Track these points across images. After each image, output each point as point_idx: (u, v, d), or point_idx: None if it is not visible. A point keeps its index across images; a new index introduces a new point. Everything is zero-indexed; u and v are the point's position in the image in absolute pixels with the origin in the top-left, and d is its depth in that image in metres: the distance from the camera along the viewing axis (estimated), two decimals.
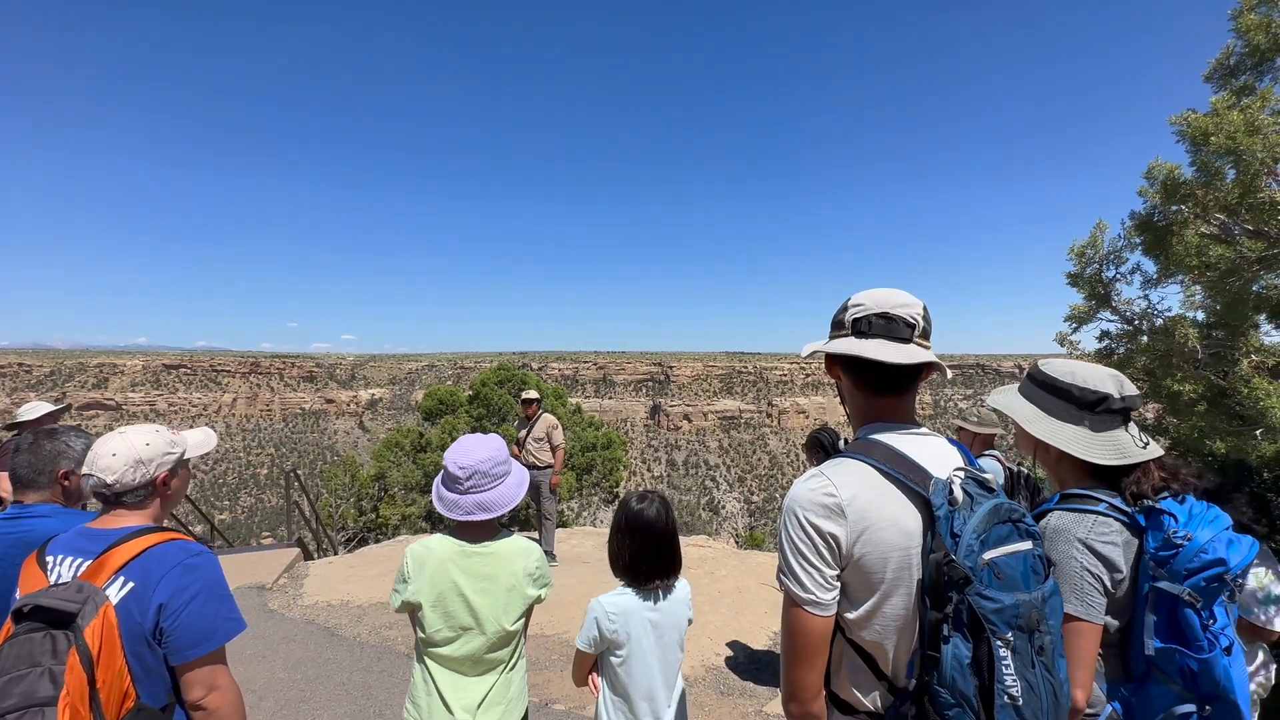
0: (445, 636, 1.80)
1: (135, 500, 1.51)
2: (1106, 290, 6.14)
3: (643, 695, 1.87)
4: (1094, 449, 1.40)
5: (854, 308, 1.24)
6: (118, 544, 1.40)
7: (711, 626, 4.94)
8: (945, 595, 1.04)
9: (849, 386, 1.30)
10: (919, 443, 1.21)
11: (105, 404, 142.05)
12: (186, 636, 1.38)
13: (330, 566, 6.85)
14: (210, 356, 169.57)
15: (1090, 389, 1.42)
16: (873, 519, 1.10)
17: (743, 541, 17.38)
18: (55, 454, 2.02)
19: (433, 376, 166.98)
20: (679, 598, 1.97)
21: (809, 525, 1.12)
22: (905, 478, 1.13)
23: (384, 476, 14.00)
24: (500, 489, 1.86)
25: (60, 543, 1.45)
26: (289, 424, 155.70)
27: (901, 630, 1.12)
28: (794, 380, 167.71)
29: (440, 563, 1.82)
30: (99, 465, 1.47)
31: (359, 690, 3.98)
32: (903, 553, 1.10)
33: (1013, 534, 1.10)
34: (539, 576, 1.91)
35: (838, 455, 1.23)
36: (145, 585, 1.36)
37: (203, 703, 1.40)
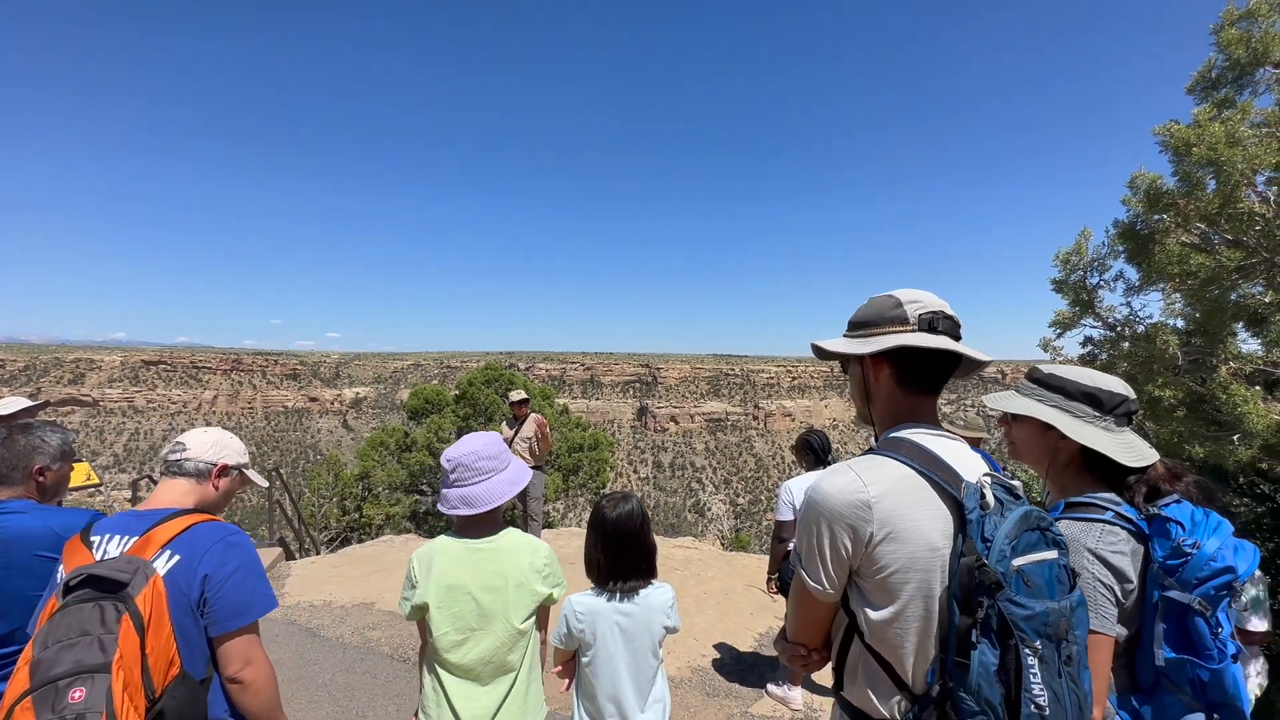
0: (453, 640, 1.75)
1: (195, 472, 1.65)
2: (1090, 297, 6.25)
3: (608, 697, 1.86)
4: (1123, 452, 1.39)
5: (913, 304, 1.21)
6: (162, 522, 1.49)
7: (697, 628, 4.94)
8: (976, 600, 1.01)
9: (891, 384, 1.25)
10: (947, 444, 1.19)
11: (82, 400, 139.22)
12: (228, 608, 1.47)
13: (313, 566, 6.75)
14: (191, 353, 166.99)
15: (1114, 392, 1.42)
16: (901, 519, 1.08)
17: (729, 543, 17.40)
18: (30, 449, 1.97)
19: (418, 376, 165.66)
20: (654, 604, 1.92)
21: (832, 522, 1.11)
22: (939, 478, 1.11)
23: (368, 476, 13.84)
24: (486, 484, 1.82)
25: (106, 523, 1.53)
26: (271, 422, 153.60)
27: (923, 635, 1.09)
28: (780, 383, 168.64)
29: (446, 561, 1.79)
30: (185, 437, 1.68)
31: (341, 692, 3.92)
32: (932, 554, 1.07)
33: (1040, 542, 1.07)
34: (549, 574, 1.85)
35: (871, 452, 1.20)
36: (191, 558, 1.45)
37: (240, 675, 1.48)
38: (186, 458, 1.64)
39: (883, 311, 1.24)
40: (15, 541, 1.84)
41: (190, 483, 1.65)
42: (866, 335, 1.25)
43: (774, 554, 3.75)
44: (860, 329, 1.27)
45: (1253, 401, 4.64)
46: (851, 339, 1.28)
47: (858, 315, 1.29)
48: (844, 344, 1.28)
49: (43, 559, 1.87)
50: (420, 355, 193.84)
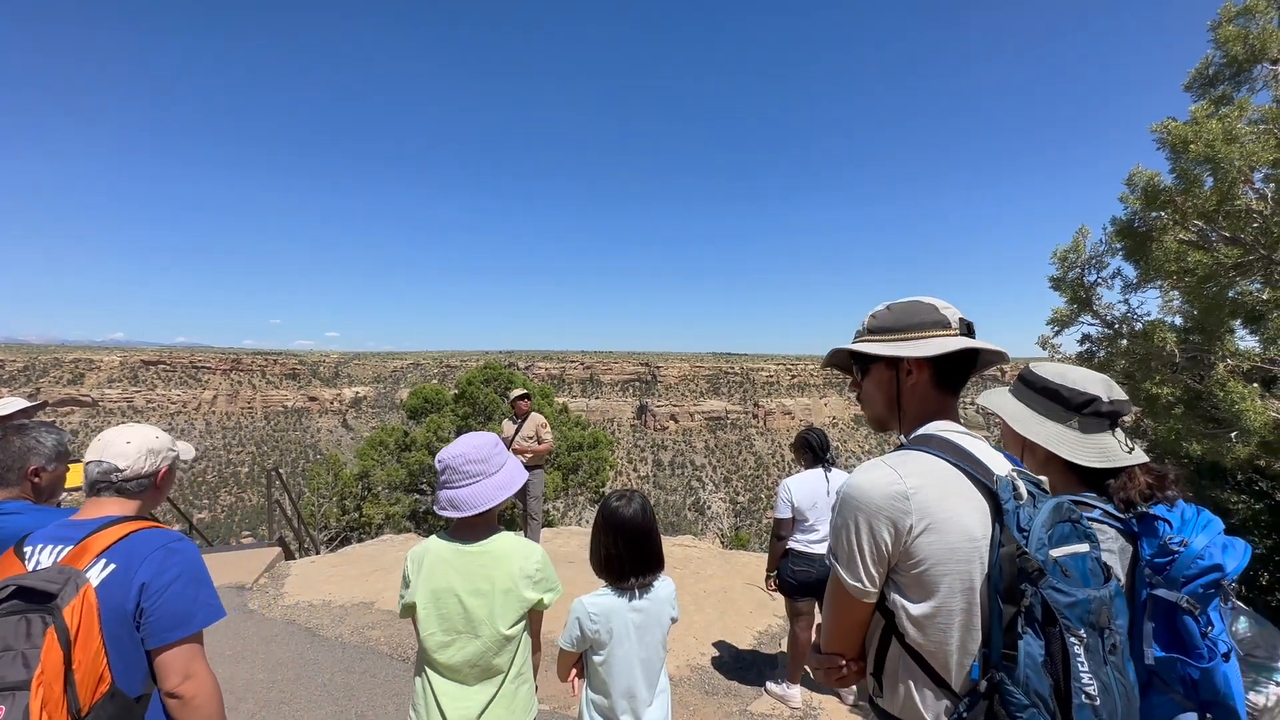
0: (440, 641, 1.75)
1: (137, 488, 1.57)
2: (1088, 294, 6.25)
3: (623, 694, 1.87)
4: (1079, 450, 1.40)
5: (948, 310, 1.26)
6: (99, 530, 1.43)
7: (697, 626, 4.94)
8: (1018, 589, 0.99)
9: (928, 385, 1.26)
10: (976, 442, 1.20)
11: (81, 400, 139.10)
12: (166, 618, 1.39)
13: (312, 566, 6.75)
14: (191, 353, 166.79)
15: (1079, 390, 1.42)
16: (939, 509, 1.07)
17: (728, 542, 17.42)
18: (25, 450, 1.97)
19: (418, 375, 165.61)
20: (662, 596, 1.95)
21: (870, 516, 1.10)
22: (972, 470, 1.11)
23: (368, 475, 13.84)
24: (473, 488, 1.79)
25: (39, 535, 1.46)
26: (271, 422, 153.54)
27: (966, 629, 1.05)
28: (780, 381, 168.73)
29: (435, 562, 1.79)
30: (112, 452, 1.53)
31: (341, 691, 3.93)
32: (970, 545, 1.06)
33: (1073, 534, 1.07)
34: (540, 580, 1.82)
35: (902, 449, 1.20)
36: (128, 566, 1.38)
37: (179, 690, 1.39)
38: (125, 478, 1.54)
39: (923, 316, 1.26)
40: (11, 542, 1.85)
41: (130, 499, 1.57)
42: (907, 339, 1.25)
43: (773, 552, 3.75)
44: (898, 333, 1.27)
45: (1250, 399, 4.64)
46: (894, 342, 1.26)
47: (886, 321, 1.30)
48: (888, 347, 1.26)
49: None
50: (419, 354, 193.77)
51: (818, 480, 3.62)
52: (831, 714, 3.65)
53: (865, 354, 1.29)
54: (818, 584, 3.58)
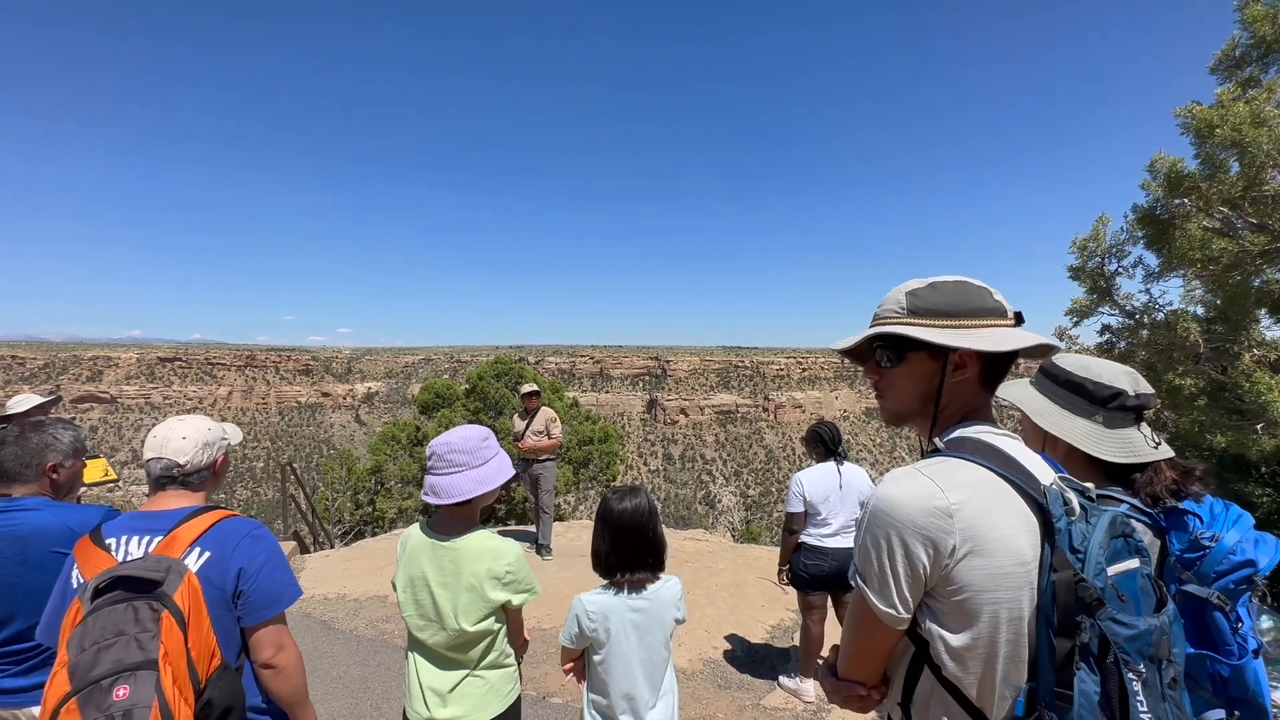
0: (416, 624, 1.84)
1: (198, 481, 1.66)
2: (1108, 284, 6.13)
3: (621, 694, 1.86)
4: (1104, 445, 1.35)
5: (999, 294, 1.09)
6: (184, 521, 1.52)
7: (709, 620, 4.93)
8: (1075, 621, 0.86)
9: (971, 380, 1.08)
10: (1016, 445, 1.03)
11: (99, 397, 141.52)
12: (261, 598, 1.54)
13: (327, 560, 6.82)
14: (206, 349, 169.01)
15: (1104, 384, 1.38)
16: (986, 530, 0.92)
17: (739, 535, 17.41)
18: (43, 446, 1.99)
19: (429, 370, 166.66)
20: (665, 597, 1.90)
21: (905, 534, 0.95)
22: (1020, 481, 0.95)
23: (381, 470, 13.96)
24: (455, 478, 1.81)
25: (117, 526, 1.54)
26: (285, 417, 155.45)
27: (1011, 661, 0.93)
28: (790, 375, 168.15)
29: (413, 551, 1.87)
30: (171, 449, 1.60)
31: (356, 683, 3.96)
32: (1021, 570, 0.92)
33: (1124, 550, 0.94)
34: (510, 581, 1.83)
35: (937, 453, 1.04)
36: (222, 553, 1.50)
37: (273, 661, 1.55)
38: (186, 473, 1.62)
39: (977, 302, 1.07)
40: (31, 539, 1.86)
41: (195, 491, 1.66)
42: (963, 326, 1.06)
43: (785, 546, 3.73)
44: (949, 318, 1.06)
45: (1276, 390, 4.53)
46: (948, 329, 1.06)
47: (931, 301, 1.08)
48: (944, 335, 1.05)
49: (58, 555, 1.87)
50: (431, 350, 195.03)
51: (830, 474, 3.60)
52: (844, 710, 3.63)
53: (909, 339, 1.06)
54: (830, 578, 3.57)
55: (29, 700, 1.89)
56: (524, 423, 6.55)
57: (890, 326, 1.10)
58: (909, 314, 1.10)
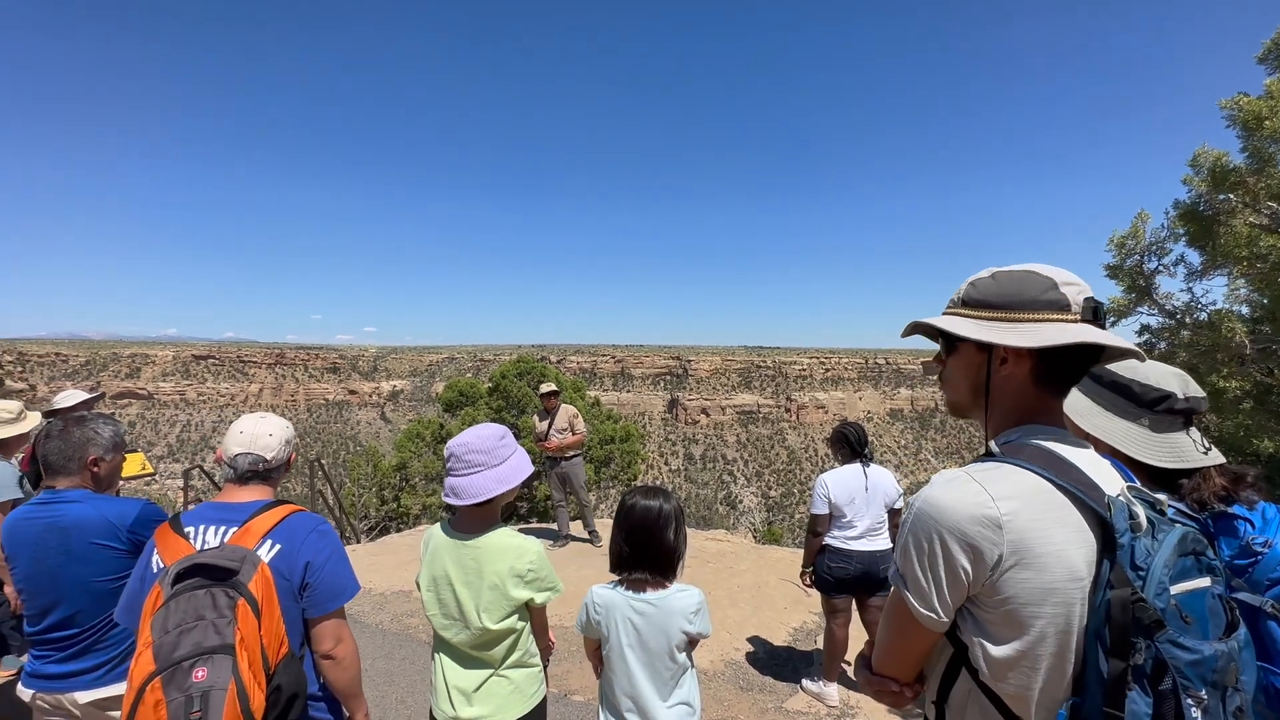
0: (440, 623, 1.86)
1: (277, 475, 1.76)
2: (1147, 282, 5.91)
3: (624, 692, 1.84)
4: (1150, 449, 1.30)
5: (1072, 286, 0.97)
6: (257, 514, 1.60)
7: (731, 621, 4.90)
8: (1130, 641, 0.82)
9: (1026, 381, 1.01)
10: (1080, 453, 0.97)
11: (137, 393, 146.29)
12: (325, 591, 1.60)
13: (353, 554, 6.93)
14: (238, 348, 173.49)
15: (1151, 385, 1.33)
16: (1039, 541, 0.88)
17: (761, 536, 17.30)
18: (84, 440, 2.05)
19: (453, 369, 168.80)
20: (675, 608, 1.81)
21: (948, 539, 0.91)
22: (1080, 492, 0.89)
23: (405, 467, 14.17)
24: (475, 478, 1.81)
25: (195, 515, 1.62)
26: (313, 414, 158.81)
27: (1055, 675, 0.88)
28: (813, 375, 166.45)
29: (435, 551, 1.89)
30: (260, 445, 1.69)
31: (382, 677, 4.02)
32: (1073, 584, 0.87)
33: (1194, 568, 0.88)
34: (533, 579, 1.82)
35: (990, 458, 0.98)
36: (291, 547, 1.58)
37: (333, 652, 1.62)
38: (271, 468, 1.71)
39: (1034, 293, 0.98)
40: (74, 530, 1.92)
41: (271, 485, 1.75)
42: (1009, 319, 0.99)
43: (809, 548, 3.69)
44: (996, 310, 1.01)
45: None
46: (987, 323, 1.01)
47: (986, 293, 1.03)
48: (978, 329, 1.01)
49: (98, 546, 1.94)
50: (454, 348, 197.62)
51: (855, 476, 3.54)
52: (869, 714, 3.57)
53: (959, 335, 1.03)
54: (855, 581, 3.52)
55: (71, 685, 1.95)
56: (545, 422, 6.59)
57: (934, 318, 1.08)
58: (961, 304, 1.07)
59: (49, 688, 1.93)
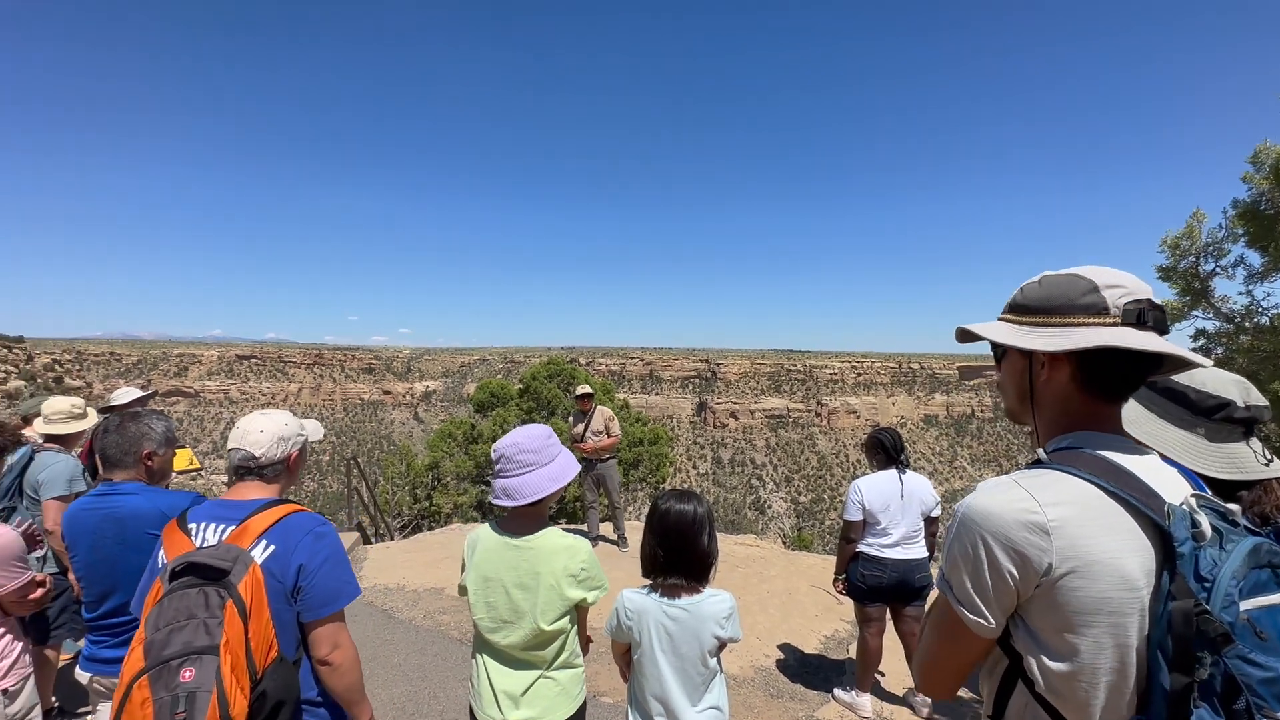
0: (488, 626, 1.83)
1: (272, 474, 1.70)
2: (1203, 285, 5.64)
3: (654, 695, 1.82)
4: (1206, 459, 1.23)
5: (1114, 289, 0.94)
6: (256, 513, 1.56)
7: (760, 627, 4.84)
8: (1194, 655, 0.78)
9: (1070, 387, 0.98)
10: (1141, 460, 0.94)
11: (185, 391, 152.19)
12: (319, 596, 1.54)
13: (388, 551, 7.09)
14: (279, 348, 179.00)
15: (1208, 393, 1.25)
16: (1088, 551, 0.85)
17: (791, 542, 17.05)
18: (139, 435, 2.14)
19: (484, 370, 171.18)
20: (707, 613, 1.81)
21: (993, 545, 0.89)
22: (1136, 499, 0.86)
23: (438, 466, 14.41)
24: (526, 478, 1.80)
25: (200, 512, 1.61)
26: (349, 413, 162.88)
27: (1115, 691, 0.85)
28: (845, 379, 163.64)
29: (485, 553, 1.85)
30: (249, 440, 1.65)
31: (415, 672, 4.09)
32: (1129, 595, 0.83)
33: (1271, 582, 0.83)
34: (585, 579, 1.82)
35: (1039, 465, 0.95)
36: (285, 548, 1.53)
37: (328, 658, 1.56)
38: (260, 465, 1.66)
39: (1071, 296, 0.96)
40: (129, 520, 2.01)
41: (269, 483, 1.70)
42: (1046, 324, 0.98)
43: (841, 554, 3.63)
44: (1035, 314, 1.00)
45: None
46: (1020, 326, 1.01)
47: (1030, 296, 1.02)
48: (1009, 333, 1.02)
49: (152, 536, 2.02)
50: (486, 350, 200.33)
51: (891, 482, 3.47)
52: None
53: (996, 341, 1.04)
54: (890, 589, 3.44)
55: None
56: (580, 425, 6.63)
57: (980, 323, 1.08)
58: (1008, 309, 1.06)
59: (105, 671, 2.02)
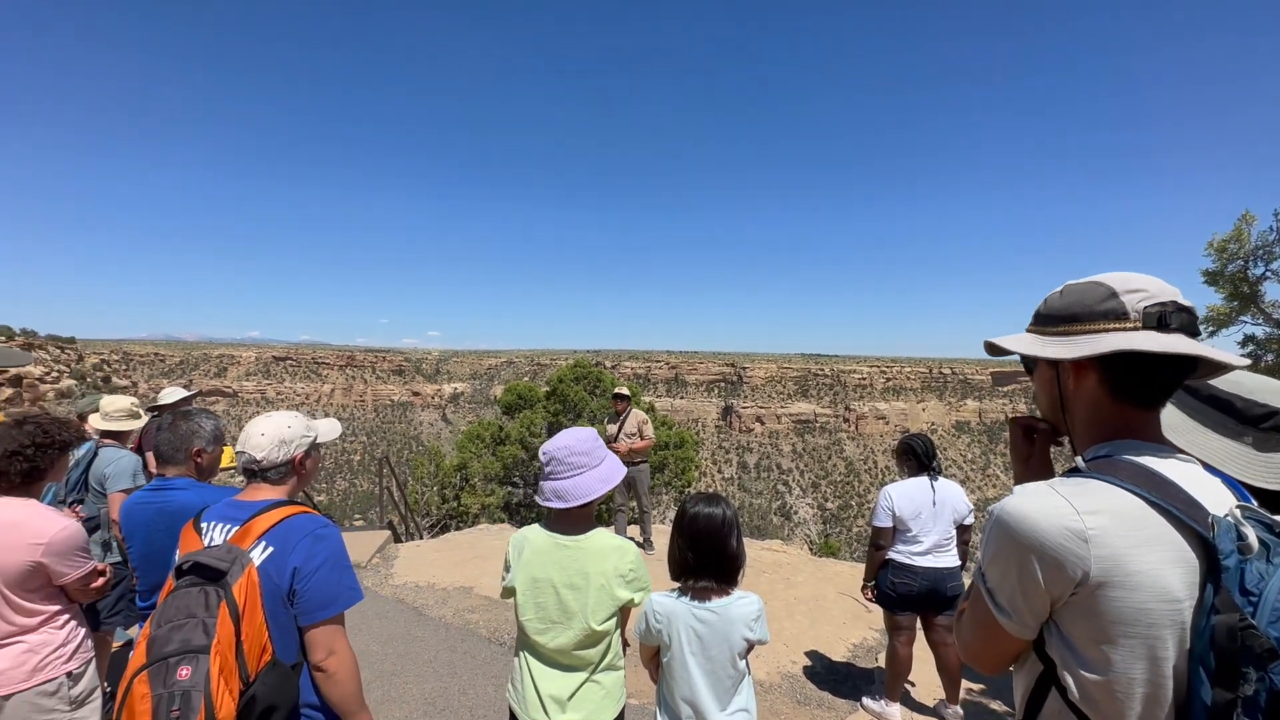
0: (536, 627, 1.82)
1: (277, 476, 1.68)
2: (1252, 289, 5.42)
3: (684, 698, 1.83)
4: (1254, 469, 1.17)
5: (1134, 294, 0.93)
6: (259, 514, 1.56)
7: (787, 633, 4.81)
8: (1238, 670, 0.77)
9: (1098, 393, 0.98)
10: (1183, 469, 0.92)
11: (224, 391, 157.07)
12: (314, 599, 1.51)
13: (417, 550, 7.22)
14: (312, 349, 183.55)
15: (1256, 401, 1.20)
16: (1129, 560, 0.83)
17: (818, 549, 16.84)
18: (190, 433, 2.24)
19: (511, 372, 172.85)
20: (736, 615, 1.81)
21: (1028, 550, 0.88)
22: (1178, 510, 0.84)
23: (465, 467, 14.62)
24: (578, 479, 1.82)
25: (212, 512, 1.64)
26: (380, 414, 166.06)
27: (1152, 705, 0.83)
28: (873, 384, 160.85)
29: (534, 553, 1.85)
30: (250, 444, 1.65)
31: (444, 668, 4.17)
32: (1168, 608, 0.82)
33: None
34: (632, 579, 1.84)
35: (1075, 474, 0.94)
36: (283, 551, 1.51)
37: (323, 664, 1.53)
38: (263, 468, 1.65)
39: (1090, 303, 0.97)
40: (180, 514, 2.09)
41: (276, 485, 1.70)
42: (1067, 333, 0.99)
43: (871, 561, 3.59)
44: (1056, 324, 1.01)
45: None
46: (1044, 336, 1.02)
47: (1051, 306, 1.03)
48: (1033, 344, 1.02)
49: None
50: (513, 353, 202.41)
51: (922, 489, 3.43)
52: None
53: (1017, 352, 1.05)
54: (920, 598, 3.40)
55: None
56: (615, 426, 6.70)
57: (1004, 336, 1.08)
58: (1033, 320, 1.07)
59: None
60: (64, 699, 2.16)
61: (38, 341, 38.30)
